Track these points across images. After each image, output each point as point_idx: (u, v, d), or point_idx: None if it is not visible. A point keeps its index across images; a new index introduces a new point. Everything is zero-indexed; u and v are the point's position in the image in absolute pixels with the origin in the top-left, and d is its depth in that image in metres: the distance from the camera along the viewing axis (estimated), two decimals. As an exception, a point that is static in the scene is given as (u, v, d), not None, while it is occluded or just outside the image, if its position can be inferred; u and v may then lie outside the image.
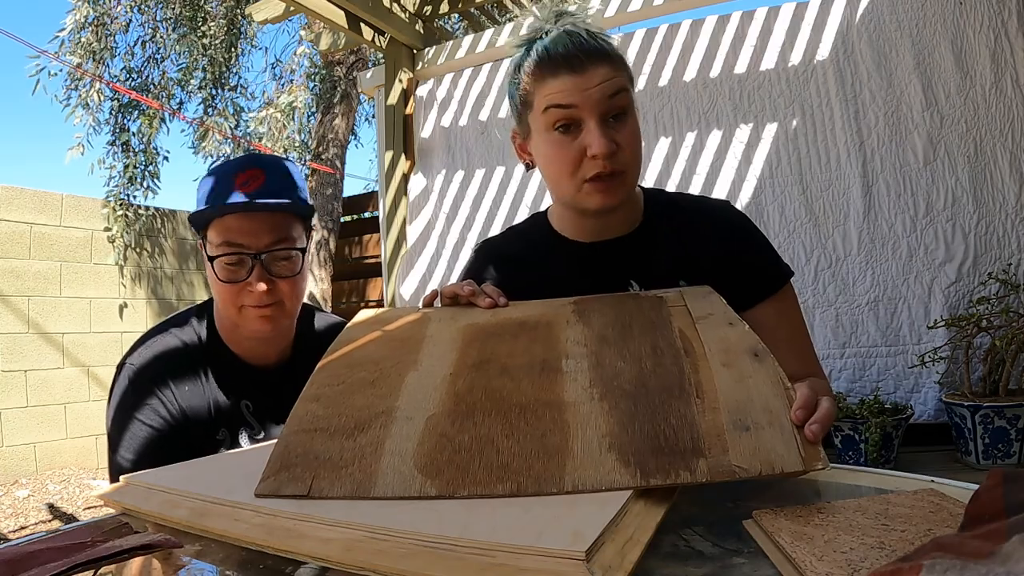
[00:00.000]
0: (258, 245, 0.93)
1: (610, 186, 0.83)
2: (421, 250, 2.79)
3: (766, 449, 0.48)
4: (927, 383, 1.99)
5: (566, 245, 0.95)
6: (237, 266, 0.93)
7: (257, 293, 0.92)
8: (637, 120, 0.86)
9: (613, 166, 0.81)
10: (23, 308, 4.43)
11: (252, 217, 0.93)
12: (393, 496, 0.47)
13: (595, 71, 0.80)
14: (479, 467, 0.48)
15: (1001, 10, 1.96)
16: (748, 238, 0.94)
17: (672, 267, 0.91)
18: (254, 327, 0.96)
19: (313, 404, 0.59)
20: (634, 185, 0.89)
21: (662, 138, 2.36)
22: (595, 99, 0.80)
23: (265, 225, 0.93)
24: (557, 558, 0.36)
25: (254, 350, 1.01)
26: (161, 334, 0.99)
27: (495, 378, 0.60)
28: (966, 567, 0.25)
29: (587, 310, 0.73)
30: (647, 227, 0.94)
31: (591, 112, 0.80)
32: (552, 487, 0.46)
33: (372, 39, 2.85)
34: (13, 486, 4.18)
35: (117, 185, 5.39)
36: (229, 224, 0.92)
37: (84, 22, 5.39)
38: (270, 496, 0.49)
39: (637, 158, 0.85)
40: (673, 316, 0.69)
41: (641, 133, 0.88)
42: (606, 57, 0.81)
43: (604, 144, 0.79)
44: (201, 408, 0.96)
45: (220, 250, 0.92)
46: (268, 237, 0.93)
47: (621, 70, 0.83)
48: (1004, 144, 1.95)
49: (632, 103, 0.85)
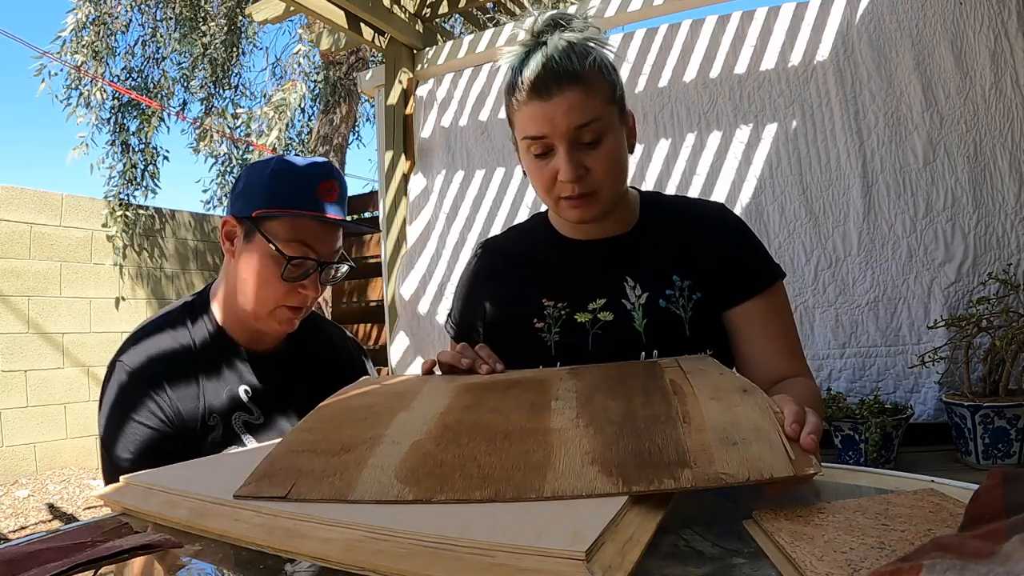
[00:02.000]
0: (326, 254, 0.99)
1: (582, 204, 0.87)
2: (421, 250, 2.79)
3: (754, 458, 0.48)
4: (927, 383, 1.99)
5: (565, 243, 0.98)
6: (299, 268, 0.97)
7: (306, 296, 0.99)
8: (615, 139, 0.86)
9: (582, 189, 0.86)
10: (23, 308, 4.43)
11: (330, 228, 0.99)
12: (369, 500, 0.47)
13: (563, 97, 0.82)
14: (458, 477, 0.49)
15: (1001, 10, 1.96)
16: (741, 238, 0.97)
17: (667, 265, 0.93)
18: (278, 328, 1.01)
19: (305, 433, 0.61)
20: (613, 198, 0.90)
21: (662, 139, 2.36)
22: (562, 130, 0.83)
23: (334, 237, 1.01)
24: (557, 558, 0.36)
25: (257, 340, 1.04)
26: (155, 334, 0.99)
27: (485, 415, 0.61)
28: (966, 567, 0.25)
29: (580, 371, 0.75)
30: (642, 227, 0.97)
31: (561, 140, 0.84)
32: (531, 493, 0.45)
33: (372, 39, 2.85)
34: (13, 486, 4.19)
35: (117, 185, 5.39)
36: (308, 226, 0.97)
37: (85, 21, 5.40)
38: (248, 497, 0.49)
39: (612, 177, 0.87)
40: (665, 371, 0.70)
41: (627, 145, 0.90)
42: (576, 80, 0.82)
43: (570, 172, 0.83)
44: (195, 409, 0.96)
45: (291, 248, 0.96)
46: (335, 247, 1.01)
47: (594, 92, 0.83)
48: (1004, 144, 1.95)
49: (610, 121, 0.85)
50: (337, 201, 1.00)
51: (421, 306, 2.74)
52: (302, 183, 0.97)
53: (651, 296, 0.90)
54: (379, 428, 0.59)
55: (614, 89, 0.86)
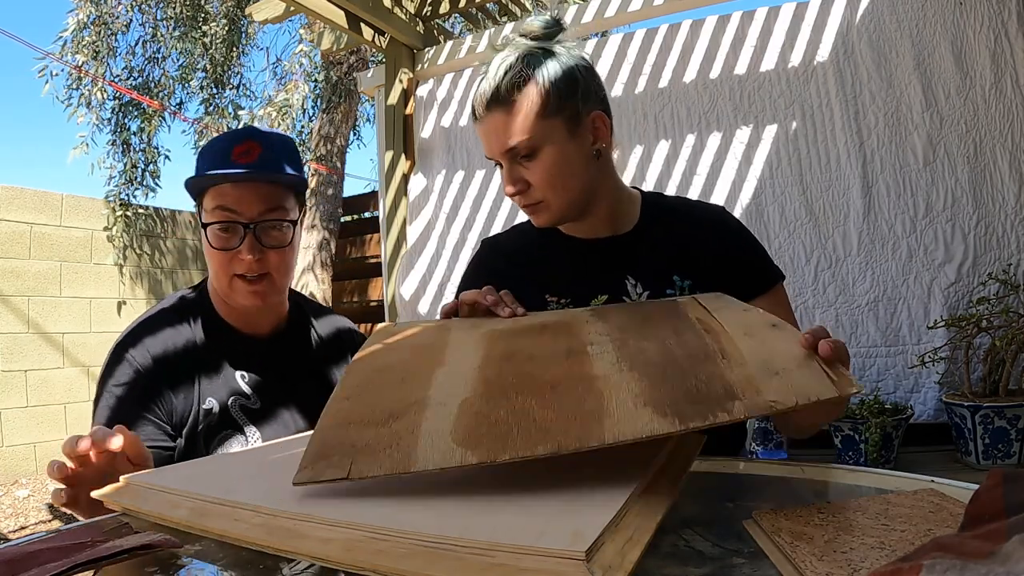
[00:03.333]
0: (250, 214, 0.95)
1: (534, 212, 0.92)
2: (421, 250, 2.79)
3: (798, 384, 0.50)
4: (927, 383, 1.99)
5: (567, 241, 1.00)
6: (229, 233, 0.95)
7: (247, 262, 0.94)
8: (556, 150, 0.87)
9: (526, 200, 0.90)
10: (23, 308, 4.43)
11: (246, 186, 0.95)
12: (434, 468, 0.46)
13: (491, 119, 0.87)
14: (517, 435, 0.48)
15: (1001, 10, 1.96)
16: (741, 240, 0.98)
17: (667, 264, 0.94)
18: (244, 301, 0.98)
19: (344, 403, 0.58)
20: (566, 205, 0.91)
21: (662, 139, 2.35)
22: (495, 150, 0.88)
23: (258, 195, 0.95)
24: (557, 558, 0.36)
25: (246, 321, 1.03)
26: (153, 322, 1.00)
27: (523, 364, 0.60)
28: (966, 567, 0.25)
29: (603, 312, 0.76)
30: (643, 228, 0.98)
31: (499, 157, 0.89)
32: (592, 441, 0.46)
33: (372, 39, 2.85)
34: (13, 486, 4.18)
35: (117, 185, 5.39)
36: (224, 191, 0.95)
37: (86, 22, 5.40)
38: (308, 483, 0.48)
39: (554, 186, 0.88)
40: (688, 310, 0.71)
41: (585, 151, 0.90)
42: (499, 103, 0.86)
43: (508, 187, 0.89)
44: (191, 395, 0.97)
45: (213, 216, 0.95)
46: (260, 206, 0.95)
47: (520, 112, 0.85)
48: (1004, 145, 1.95)
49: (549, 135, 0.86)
50: (257, 162, 0.96)
51: (421, 306, 2.74)
52: (218, 152, 0.97)
53: (652, 295, 0.91)
54: (420, 390, 0.58)
55: (559, 100, 0.86)
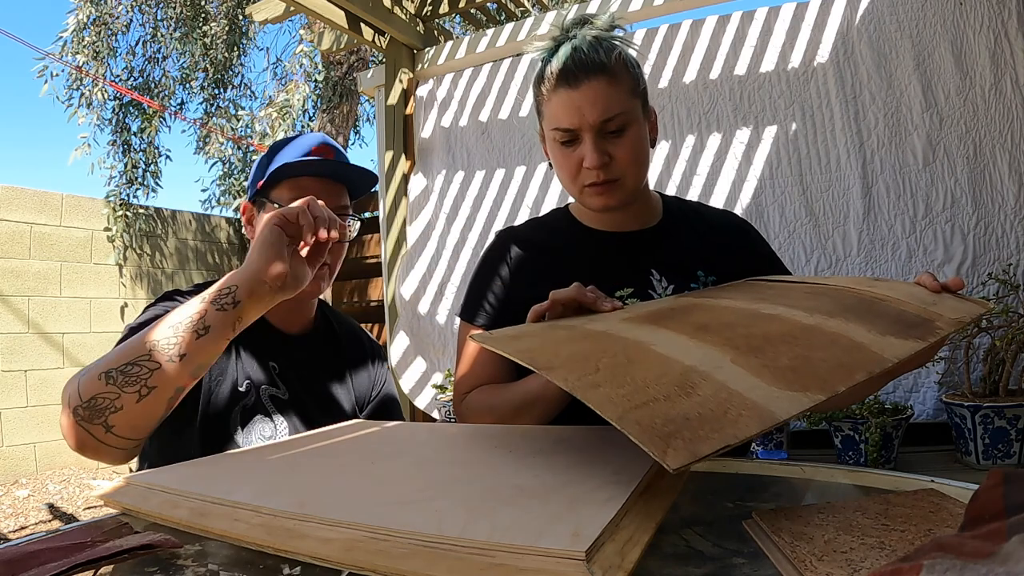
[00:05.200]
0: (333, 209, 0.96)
1: (607, 190, 0.91)
2: (421, 250, 2.79)
3: (957, 309, 0.59)
4: (927, 383, 1.99)
5: (590, 233, 1.01)
6: None
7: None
8: (638, 130, 0.91)
9: (606, 175, 0.89)
10: (23, 308, 4.43)
11: (328, 182, 1.00)
12: (786, 417, 0.43)
13: (590, 87, 0.86)
14: (825, 372, 0.48)
15: (1001, 10, 1.96)
16: (758, 242, 1.04)
17: (690, 260, 0.96)
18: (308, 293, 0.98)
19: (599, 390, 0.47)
20: (635, 187, 0.94)
21: (662, 140, 2.35)
22: (589, 121, 0.87)
23: (336, 191, 1.01)
24: (557, 558, 0.36)
25: (281, 315, 1.04)
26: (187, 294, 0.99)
27: (738, 329, 0.57)
28: (966, 567, 0.25)
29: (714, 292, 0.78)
30: (666, 224, 1.01)
31: (587, 128, 0.87)
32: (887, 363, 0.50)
33: (372, 39, 2.85)
34: (13, 486, 4.18)
35: (118, 185, 5.39)
36: (306, 184, 0.98)
37: (86, 22, 5.40)
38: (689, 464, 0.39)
39: (636, 165, 0.91)
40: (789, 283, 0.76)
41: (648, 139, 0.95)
42: (603, 71, 0.86)
43: (595, 159, 0.87)
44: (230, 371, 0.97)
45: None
46: (338, 201, 1.01)
47: (618, 83, 0.87)
48: (1003, 145, 1.95)
49: (634, 113, 0.90)
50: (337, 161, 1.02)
51: (421, 306, 2.74)
52: (296, 150, 1.02)
53: (676, 288, 0.93)
54: (665, 364, 0.50)
55: (637, 83, 0.91)
